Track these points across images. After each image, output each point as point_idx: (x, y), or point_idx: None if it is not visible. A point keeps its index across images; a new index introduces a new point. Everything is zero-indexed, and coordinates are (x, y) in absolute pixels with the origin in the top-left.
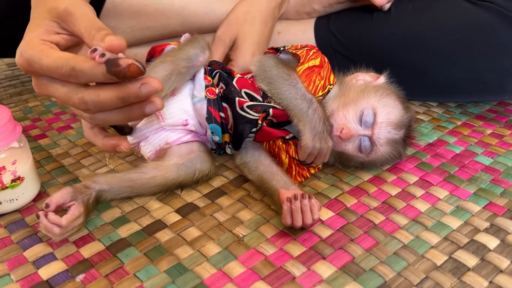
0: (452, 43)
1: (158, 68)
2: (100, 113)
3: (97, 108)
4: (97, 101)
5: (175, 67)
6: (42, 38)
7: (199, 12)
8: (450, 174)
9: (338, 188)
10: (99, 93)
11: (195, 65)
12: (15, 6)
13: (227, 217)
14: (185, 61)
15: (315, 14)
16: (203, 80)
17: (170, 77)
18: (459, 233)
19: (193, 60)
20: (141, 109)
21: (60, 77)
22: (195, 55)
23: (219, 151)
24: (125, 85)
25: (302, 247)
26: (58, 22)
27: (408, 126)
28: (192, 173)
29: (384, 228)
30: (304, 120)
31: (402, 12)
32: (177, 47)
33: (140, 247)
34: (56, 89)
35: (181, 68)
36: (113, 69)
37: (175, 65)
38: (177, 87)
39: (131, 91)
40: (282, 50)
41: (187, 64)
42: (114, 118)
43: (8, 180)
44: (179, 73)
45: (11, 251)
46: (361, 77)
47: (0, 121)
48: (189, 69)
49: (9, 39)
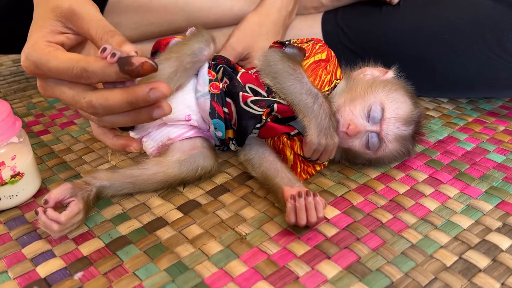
0: (463, 37)
1: (163, 65)
2: (108, 116)
3: (105, 112)
4: (106, 104)
5: (180, 63)
6: (48, 39)
7: (204, 7)
8: (460, 172)
9: (344, 186)
10: (108, 96)
11: (200, 60)
12: (18, 3)
13: (230, 214)
14: (190, 56)
15: (322, 9)
16: (207, 74)
17: (175, 74)
18: (470, 232)
19: (198, 54)
20: (149, 113)
21: (70, 78)
22: (199, 50)
23: (223, 147)
24: (134, 89)
25: (306, 246)
26: (62, 21)
27: (417, 122)
28: (194, 169)
29: (391, 227)
30: (309, 115)
31: (412, 6)
32: (182, 42)
33: (140, 244)
34: (63, 91)
35: (186, 64)
36: (126, 68)
37: (180, 61)
38: (182, 83)
39: (140, 96)
40: (287, 44)
41: (192, 59)
42: (122, 121)
43: (8, 175)
44: (185, 69)
45: (9, 248)
46: (369, 71)
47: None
48: (194, 64)
49: (14, 35)
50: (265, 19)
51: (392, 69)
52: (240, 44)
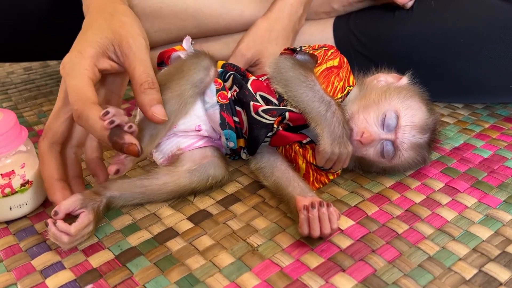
0: (478, 41)
1: (166, 105)
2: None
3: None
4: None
5: (183, 100)
6: (94, 62)
7: (214, 14)
8: (478, 180)
9: (358, 195)
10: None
11: (202, 88)
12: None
13: (241, 225)
14: (190, 90)
15: (334, 14)
16: (214, 84)
17: (181, 110)
18: (490, 244)
19: (198, 86)
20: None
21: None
22: (199, 81)
23: (234, 156)
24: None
25: (320, 258)
26: (115, 47)
27: (433, 130)
28: (205, 179)
29: (407, 238)
30: (322, 123)
31: (425, 9)
32: (181, 70)
33: (150, 256)
34: None
35: (188, 97)
36: (114, 138)
37: (183, 99)
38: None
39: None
40: (298, 50)
41: (193, 92)
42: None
43: (18, 184)
44: (187, 103)
45: (19, 259)
46: (382, 78)
47: (7, 125)
48: (196, 94)
49: (25, 45)
50: (274, 25)
51: (406, 75)
52: (249, 50)
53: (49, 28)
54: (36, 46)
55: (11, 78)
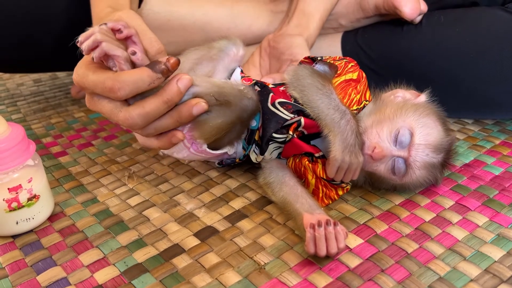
0: (488, 55)
1: (191, 53)
2: (150, 124)
3: (144, 120)
4: (143, 112)
5: (206, 52)
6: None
7: (222, 28)
8: (489, 198)
9: (367, 212)
10: (143, 104)
11: (227, 54)
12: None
13: (248, 242)
14: (216, 49)
15: (341, 29)
16: (239, 74)
17: (200, 61)
18: (502, 264)
19: (224, 50)
20: (189, 111)
21: (104, 92)
22: (227, 46)
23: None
24: (165, 88)
25: (328, 277)
26: None
27: (447, 150)
28: None
29: (417, 257)
30: (335, 130)
31: (434, 24)
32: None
33: (156, 273)
34: (103, 105)
35: (212, 54)
36: (157, 67)
37: (207, 51)
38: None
39: (173, 91)
40: (319, 60)
41: (219, 52)
42: (165, 124)
43: (25, 198)
44: (210, 59)
45: (24, 275)
46: (400, 93)
47: (15, 139)
48: (220, 57)
49: (34, 56)
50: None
51: (425, 93)
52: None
53: (59, 40)
54: (46, 57)
55: (21, 89)
